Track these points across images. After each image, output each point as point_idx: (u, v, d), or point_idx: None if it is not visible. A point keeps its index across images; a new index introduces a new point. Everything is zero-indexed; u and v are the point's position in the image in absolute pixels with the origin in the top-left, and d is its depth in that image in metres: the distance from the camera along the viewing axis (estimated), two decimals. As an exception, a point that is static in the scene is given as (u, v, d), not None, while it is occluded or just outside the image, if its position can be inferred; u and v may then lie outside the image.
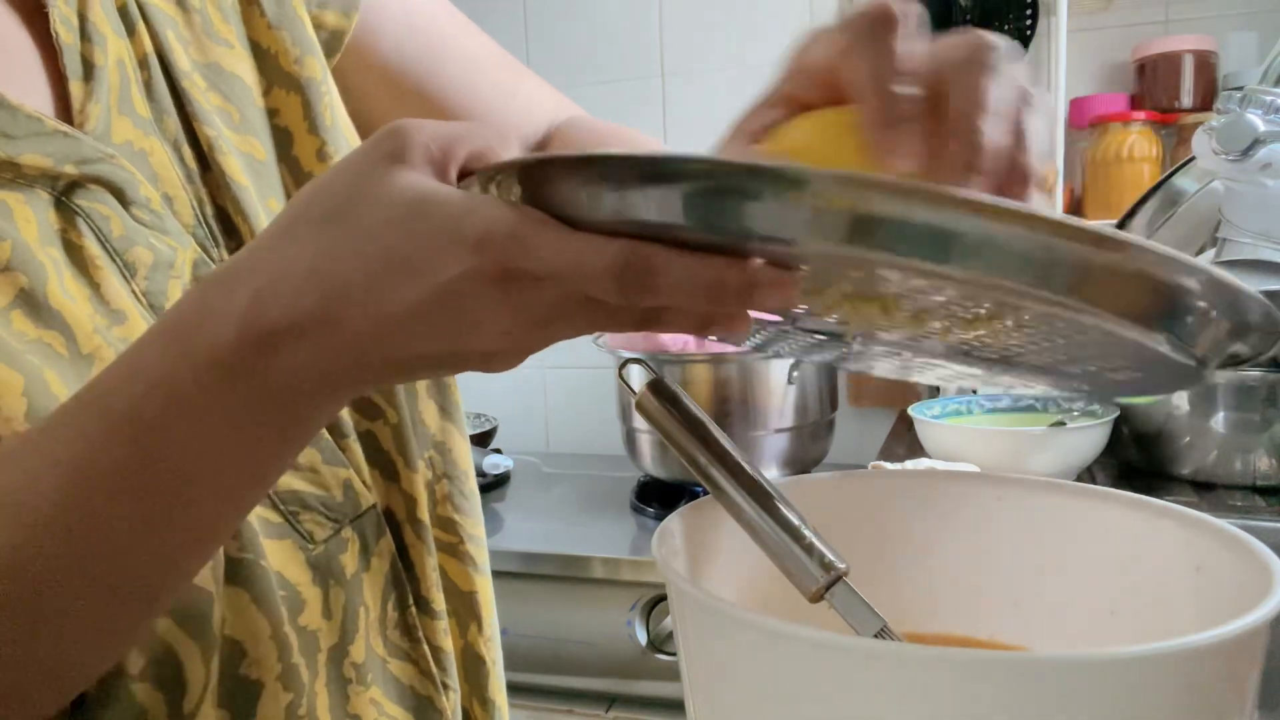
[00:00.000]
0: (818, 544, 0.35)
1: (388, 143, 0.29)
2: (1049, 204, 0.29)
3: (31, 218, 0.38)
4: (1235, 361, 0.30)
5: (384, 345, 0.29)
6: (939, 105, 0.29)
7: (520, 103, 0.62)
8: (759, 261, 0.27)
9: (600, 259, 0.27)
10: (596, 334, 0.31)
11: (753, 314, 0.32)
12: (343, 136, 0.50)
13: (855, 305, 0.30)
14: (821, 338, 0.38)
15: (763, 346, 0.43)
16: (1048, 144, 0.28)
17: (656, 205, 0.26)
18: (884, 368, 0.43)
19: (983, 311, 0.28)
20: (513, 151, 0.31)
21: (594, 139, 0.60)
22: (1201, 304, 0.26)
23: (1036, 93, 0.30)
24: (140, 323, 0.40)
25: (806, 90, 0.33)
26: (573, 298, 0.28)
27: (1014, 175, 0.29)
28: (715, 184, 0.25)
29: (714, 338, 0.41)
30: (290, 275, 0.29)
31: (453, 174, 0.30)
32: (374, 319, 0.28)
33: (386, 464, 0.49)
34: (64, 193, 0.39)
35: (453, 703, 0.51)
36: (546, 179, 0.28)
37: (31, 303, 0.37)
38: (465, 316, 0.28)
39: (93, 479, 0.30)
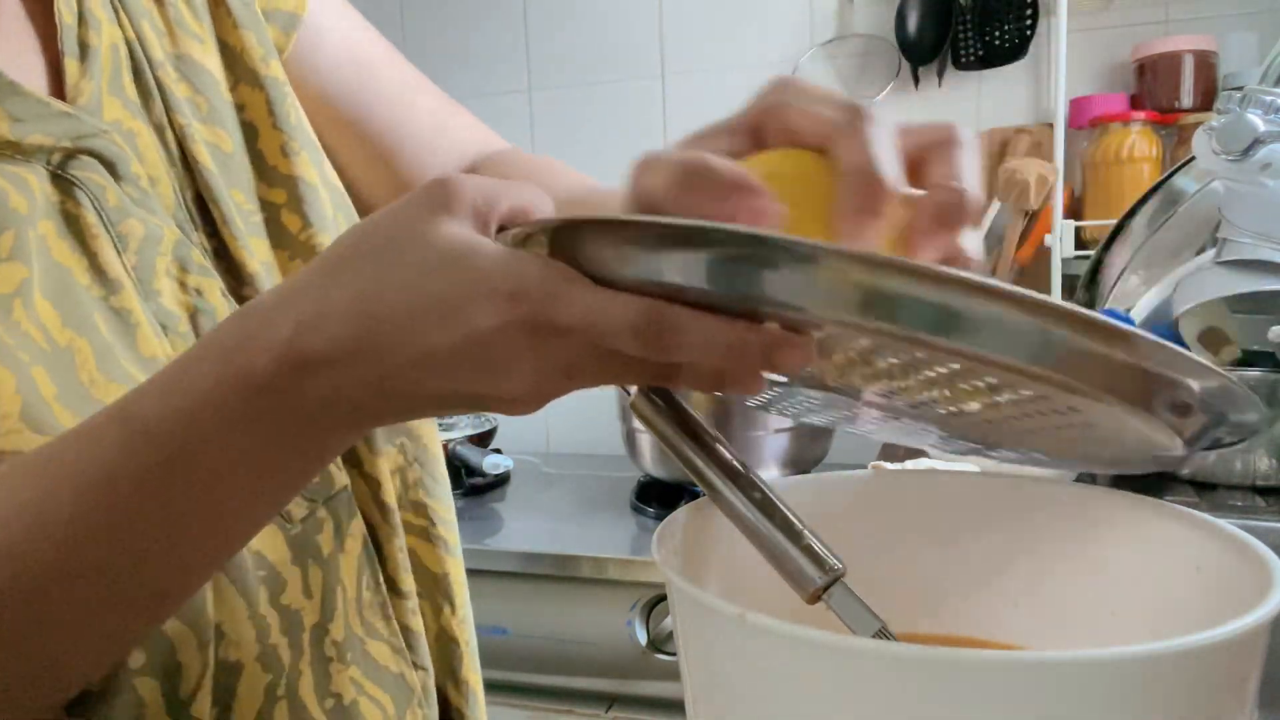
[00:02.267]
0: (815, 545, 0.35)
1: (436, 193, 0.31)
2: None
3: (36, 188, 0.40)
4: (1218, 445, 0.31)
5: (412, 384, 0.30)
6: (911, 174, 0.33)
7: (449, 136, 0.63)
8: (774, 325, 0.29)
9: (624, 316, 0.28)
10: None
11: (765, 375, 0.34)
12: (306, 135, 0.52)
13: (864, 369, 0.32)
14: (820, 400, 0.39)
15: (766, 406, 0.43)
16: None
17: (681, 269, 0.27)
18: (879, 433, 0.44)
19: (985, 384, 0.29)
20: (549, 209, 0.33)
21: (522, 172, 0.62)
22: (1194, 401, 0.28)
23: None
24: (132, 294, 0.41)
25: (768, 128, 0.35)
26: (597, 350, 0.30)
27: (956, 260, 0.33)
28: (740, 253, 0.27)
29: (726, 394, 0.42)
30: (333, 308, 0.31)
31: (493, 228, 0.32)
32: (409, 357, 0.30)
33: (351, 448, 0.50)
34: (60, 165, 0.41)
35: (424, 682, 0.52)
36: (579, 238, 0.29)
37: (28, 295, 0.38)
38: (495, 363, 0.30)
39: (116, 490, 0.32)
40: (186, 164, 0.47)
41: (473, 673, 0.55)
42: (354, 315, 0.30)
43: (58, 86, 0.43)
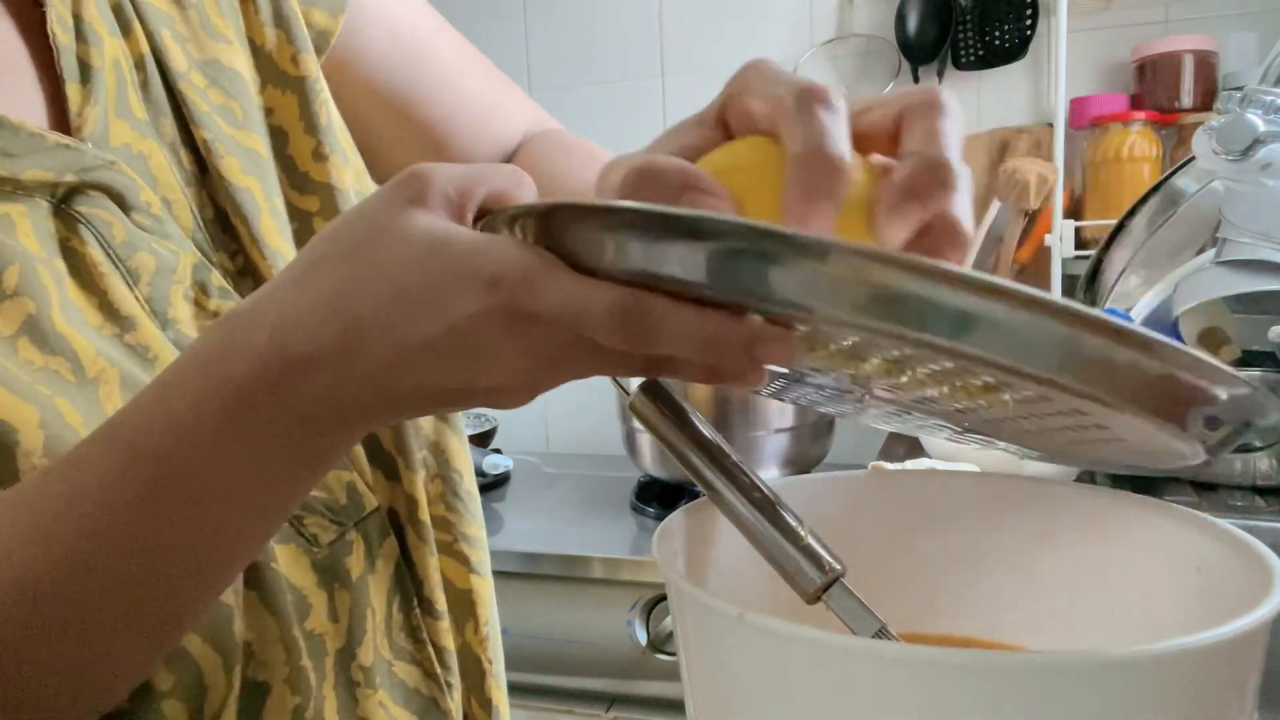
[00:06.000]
0: (814, 545, 0.35)
1: (408, 186, 0.30)
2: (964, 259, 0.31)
3: (30, 229, 0.38)
4: (1244, 449, 0.30)
5: (398, 379, 0.30)
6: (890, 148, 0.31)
7: (502, 114, 0.61)
8: (759, 318, 0.28)
9: (602, 304, 0.27)
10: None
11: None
12: (337, 137, 0.50)
13: (858, 363, 0.30)
14: (830, 391, 0.38)
15: (778, 395, 0.43)
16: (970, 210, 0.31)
17: (660, 258, 0.26)
18: (888, 424, 0.44)
19: (987, 383, 0.28)
20: (529, 194, 0.32)
21: (557, 154, 0.60)
22: (1221, 411, 0.26)
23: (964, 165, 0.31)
24: (149, 327, 0.40)
25: (739, 117, 0.34)
26: (578, 339, 0.29)
27: (948, 232, 0.30)
28: (726, 246, 0.25)
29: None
30: (310, 310, 0.30)
31: (469, 216, 0.31)
32: (389, 353, 0.29)
33: (388, 464, 0.49)
34: (63, 200, 0.39)
35: (457, 702, 0.51)
36: (559, 223, 0.28)
37: (37, 329, 0.37)
38: (477, 353, 0.29)
39: (117, 508, 0.31)
40: (205, 181, 0.45)
41: (498, 690, 0.54)
42: (332, 315, 0.29)
43: (60, 114, 0.41)
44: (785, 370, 0.35)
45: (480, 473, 1.58)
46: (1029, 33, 1.54)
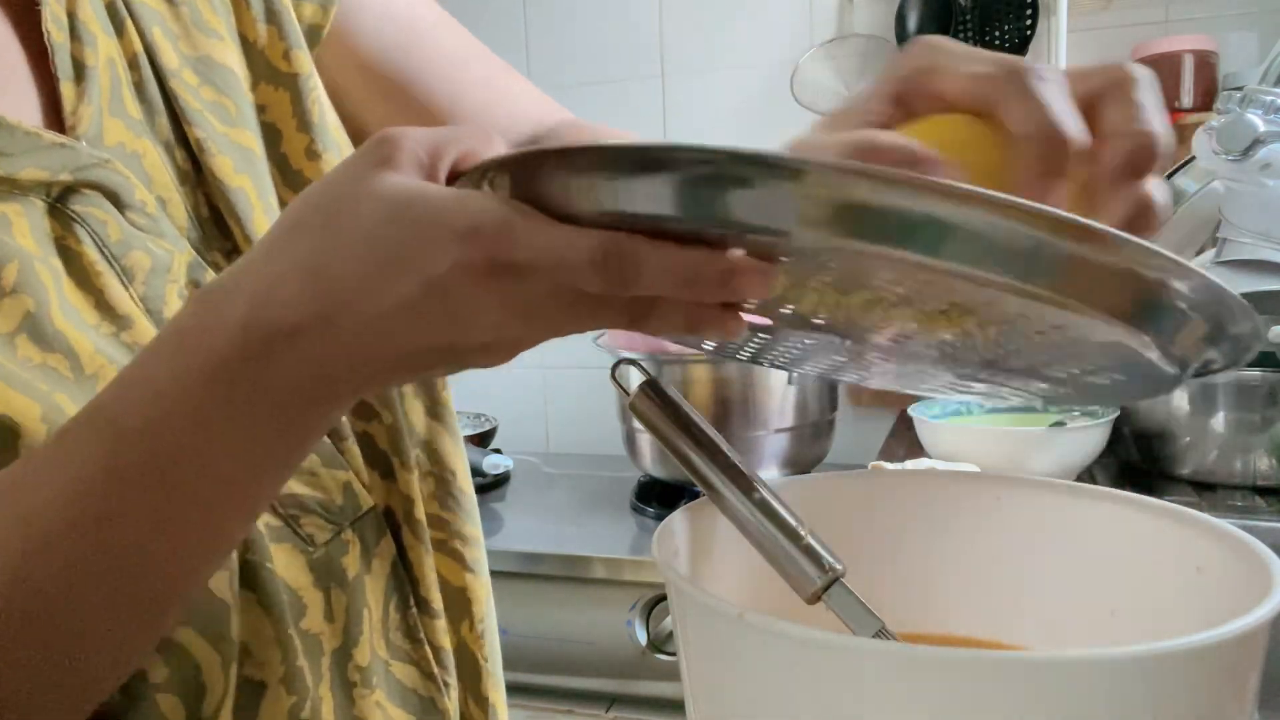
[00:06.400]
0: (814, 545, 0.35)
1: (377, 150, 0.30)
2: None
3: (27, 229, 0.38)
4: (1208, 370, 0.30)
5: (379, 342, 0.30)
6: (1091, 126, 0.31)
7: (507, 104, 0.61)
8: (739, 252, 0.28)
9: (582, 248, 0.27)
10: (596, 334, 0.31)
11: (745, 318, 0.32)
12: (330, 133, 0.50)
13: (836, 299, 0.30)
14: (810, 343, 0.38)
15: (756, 357, 0.43)
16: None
17: (636, 195, 0.26)
18: (875, 378, 0.43)
19: (961, 303, 0.28)
20: (499, 150, 0.32)
21: (583, 138, 0.59)
22: (1185, 305, 0.26)
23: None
24: (146, 326, 0.40)
25: (916, 95, 0.34)
26: (560, 289, 0.29)
27: (1145, 211, 0.31)
28: (695, 173, 0.25)
29: (708, 342, 0.42)
30: (286, 279, 0.30)
31: (441, 176, 0.31)
32: (367, 316, 0.29)
33: (384, 464, 0.49)
34: (59, 199, 0.39)
35: (454, 701, 0.51)
36: (533, 172, 0.28)
37: (36, 327, 0.37)
38: (457, 309, 0.29)
39: (100, 488, 0.31)
40: (200, 179, 0.45)
41: (494, 689, 0.54)
42: (308, 283, 0.29)
43: (55, 113, 0.41)
44: (765, 322, 0.35)
45: (480, 473, 1.58)
46: (1029, 33, 1.54)
